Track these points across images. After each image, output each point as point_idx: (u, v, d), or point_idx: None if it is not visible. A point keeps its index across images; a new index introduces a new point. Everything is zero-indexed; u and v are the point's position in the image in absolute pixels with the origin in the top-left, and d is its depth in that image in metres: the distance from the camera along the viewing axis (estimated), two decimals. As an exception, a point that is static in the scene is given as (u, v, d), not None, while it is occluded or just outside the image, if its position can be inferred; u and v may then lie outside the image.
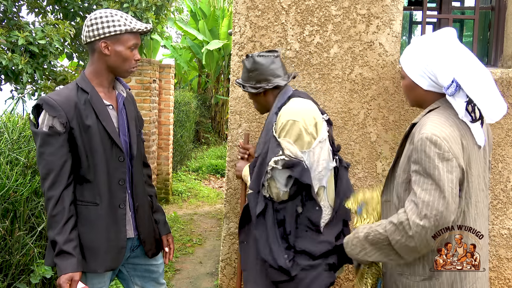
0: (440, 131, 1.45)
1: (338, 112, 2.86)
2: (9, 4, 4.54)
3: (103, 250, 1.77)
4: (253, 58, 2.06)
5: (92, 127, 1.71)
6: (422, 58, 1.56)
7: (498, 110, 1.50)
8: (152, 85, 5.87)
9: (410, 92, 1.65)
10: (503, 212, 2.94)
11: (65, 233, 1.65)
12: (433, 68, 1.53)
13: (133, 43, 1.76)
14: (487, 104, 1.48)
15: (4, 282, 2.23)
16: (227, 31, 10.51)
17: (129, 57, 1.76)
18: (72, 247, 1.66)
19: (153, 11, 5.78)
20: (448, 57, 1.50)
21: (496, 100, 1.49)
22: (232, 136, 2.91)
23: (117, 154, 1.78)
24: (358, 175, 2.92)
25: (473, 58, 1.52)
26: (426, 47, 1.56)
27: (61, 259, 1.65)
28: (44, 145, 1.66)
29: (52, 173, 1.66)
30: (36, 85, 4.68)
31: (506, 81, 2.87)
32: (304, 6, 2.80)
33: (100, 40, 1.72)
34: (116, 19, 1.72)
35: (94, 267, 1.75)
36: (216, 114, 11.98)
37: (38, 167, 1.70)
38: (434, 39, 1.57)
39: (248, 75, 2.08)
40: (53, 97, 1.69)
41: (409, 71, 1.60)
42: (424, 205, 1.40)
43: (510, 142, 2.89)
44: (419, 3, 3.49)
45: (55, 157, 1.66)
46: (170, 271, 3.83)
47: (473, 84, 1.46)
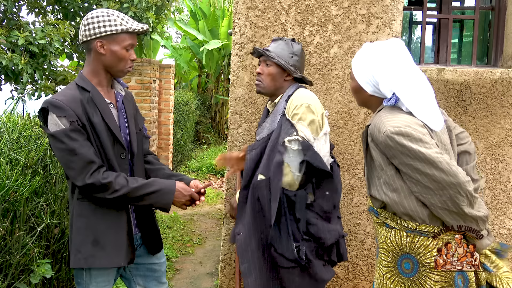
0: (397, 121, 1.52)
1: (338, 112, 2.86)
2: (9, 4, 4.54)
3: (120, 243, 1.78)
4: (301, 46, 2.18)
5: (98, 124, 1.73)
6: (369, 66, 1.65)
7: (435, 124, 1.58)
8: (152, 85, 5.87)
9: (357, 94, 1.75)
10: (503, 212, 2.94)
11: (135, 179, 1.74)
12: (377, 78, 1.62)
13: (129, 43, 1.76)
14: (426, 118, 1.57)
15: (4, 282, 2.23)
16: (227, 31, 10.51)
17: (125, 57, 1.76)
18: (148, 180, 1.77)
19: (153, 11, 5.78)
20: (391, 72, 1.59)
21: (434, 115, 1.58)
22: (232, 136, 2.91)
23: (119, 151, 1.80)
24: (358, 175, 2.92)
25: (415, 73, 1.61)
26: (374, 57, 1.64)
27: (162, 186, 1.76)
28: (72, 141, 1.65)
29: (93, 164, 1.67)
30: (36, 85, 4.68)
31: (506, 81, 2.87)
32: (304, 6, 2.80)
33: (96, 40, 1.72)
34: (112, 18, 1.72)
35: (101, 263, 1.76)
36: (216, 114, 11.98)
37: (71, 165, 1.67)
38: (383, 50, 1.64)
39: (290, 56, 2.14)
40: (58, 97, 1.69)
41: (357, 74, 1.70)
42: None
43: (510, 142, 2.89)
44: (419, 3, 3.49)
45: (87, 148, 1.68)
46: (170, 271, 3.83)
47: (411, 101, 1.56)
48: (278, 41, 2.17)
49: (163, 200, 1.75)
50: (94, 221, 1.76)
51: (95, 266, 1.76)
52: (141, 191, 1.71)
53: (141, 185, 1.72)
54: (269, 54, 2.11)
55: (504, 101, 2.89)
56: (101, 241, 1.76)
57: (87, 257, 1.74)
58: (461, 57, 3.91)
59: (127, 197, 1.71)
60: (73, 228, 1.78)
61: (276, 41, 2.18)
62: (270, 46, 2.17)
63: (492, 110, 2.89)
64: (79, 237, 1.76)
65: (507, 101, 2.89)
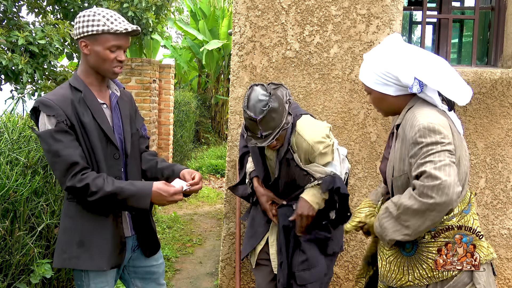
0: (433, 118, 1.48)
1: (338, 112, 2.86)
2: (9, 4, 4.54)
3: (105, 247, 1.76)
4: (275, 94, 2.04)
5: (88, 124, 1.71)
6: (380, 68, 1.59)
7: (464, 94, 1.54)
8: (152, 85, 5.87)
9: (381, 103, 1.67)
10: (503, 212, 2.94)
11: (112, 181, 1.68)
12: (394, 72, 1.56)
13: (113, 44, 1.70)
14: (453, 91, 1.52)
15: (4, 282, 2.23)
16: (227, 31, 10.50)
17: (109, 57, 1.71)
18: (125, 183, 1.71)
19: (153, 11, 5.78)
20: (403, 59, 1.55)
21: (460, 85, 1.54)
22: (232, 136, 2.91)
23: (112, 151, 1.78)
24: (358, 175, 2.92)
25: (426, 53, 1.58)
26: (380, 57, 1.60)
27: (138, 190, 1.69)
28: (56, 143, 1.64)
29: (75, 165, 1.65)
30: (36, 85, 4.68)
31: (506, 81, 2.87)
32: (304, 6, 2.80)
33: (80, 39, 1.72)
34: (96, 18, 1.69)
35: (84, 265, 1.75)
36: (216, 114, 11.97)
37: (55, 167, 1.67)
38: (385, 46, 1.61)
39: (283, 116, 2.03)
40: (49, 97, 1.69)
41: (372, 84, 1.63)
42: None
43: (510, 142, 2.89)
44: (419, 3, 3.49)
45: (71, 149, 1.66)
46: (170, 271, 3.82)
47: (433, 77, 1.51)
48: (265, 117, 1.94)
49: (140, 204, 1.70)
50: (80, 222, 1.74)
51: (77, 268, 1.75)
52: (117, 196, 1.67)
53: (115, 191, 1.66)
54: (274, 136, 2.00)
55: (504, 101, 2.89)
56: (86, 243, 1.74)
57: (71, 258, 1.74)
58: (461, 57, 3.91)
59: (107, 200, 1.68)
60: (60, 228, 1.78)
61: (263, 119, 1.95)
62: (262, 124, 1.96)
63: (492, 110, 2.89)
64: (65, 237, 1.76)
65: (507, 101, 2.89)
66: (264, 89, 1.98)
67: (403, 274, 1.61)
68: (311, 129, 2.12)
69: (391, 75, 1.57)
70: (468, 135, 2.89)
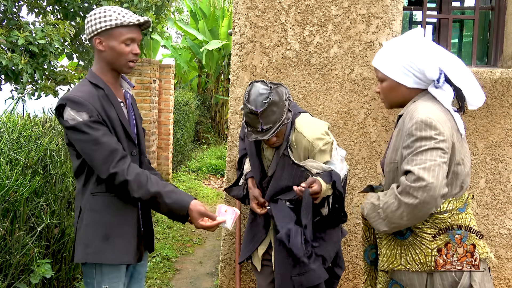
0: (433, 113, 1.50)
1: (338, 112, 2.86)
2: (9, 4, 4.54)
3: (129, 240, 1.77)
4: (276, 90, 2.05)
5: (115, 119, 1.73)
6: (405, 57, 1.59)
7: (479, 97, 1.60)
8: (152, 85, 5.87)
9: (392, 92, 1.67)
10: (503, 212, 2.94)
11: (156, 182, 1.70)
12: (420, 64, 1.57)
13: (127, 37, 1.72)
14: (471, 91, 1.57)
15: (4, 282, 2.23)
16: (227, 31, 10.50)
17: (124, 51, 1.73)
18: (170, 187, 1.73)
19: (153, 11, 5.78)
20: (431, 52, 1.57)
21: (477, 87, 1.59)
22: (232, 136, 2.91)
23: (131, 148, 1.81)
24: (358, 175, 2.92)
25: (447, 52, 1.63)
26: (405, 47, 1.60)
27: (176, 196, 1.70)
28: (94, 131, 1.64)
29: (116, 152, 1.66)
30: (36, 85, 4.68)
31: (506, 81, 2.87)
32: (304, 6, 2.80)
33: (95, 37, 1.72)
34: (108, 14, 1.71)
35: (109, 258, 1.74)
36: (216, 114, 11.97)
37: (95, 154, 1.65)
38: (410, 38, 1.62)
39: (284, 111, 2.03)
40: (76, 94, 1.68)
41: (390, 72, 1.63)
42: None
43: (510, 142, 2.89)
44: (419, 3, 3.49)
45: (110, 137, 1.67)
46: (170, 271, 3.83)
47: (457, 73, 1.56)
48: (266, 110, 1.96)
49: (175, 214, 1.72)
50: (106, 216, 1.75)
51: (103, 262, 1.74)
52: (154, 200, 1.69)
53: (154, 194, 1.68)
54: (275, 130, 2.00)
55: (504, 101, 2.89)
56: (111, 236, 1.74)
57: (95, 252, 1.72)
58: (461, 57, 3.91)
59: (142, 201, 1.70)
60: (83, 223, 1.75)
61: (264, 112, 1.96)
62: (263, 117, 1.97)
63: (492, 110, 2.89)
64: (89, 231, 1.74)
65: (507, 101, 2.89)
66: (265, 84, 2.00)
67: (395, 258, 1.61)
68: (310, 126, 2.12)
69: (416, 67, 1.58)
70: (468, 135, 2.89)
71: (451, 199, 1.56)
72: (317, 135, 2.09)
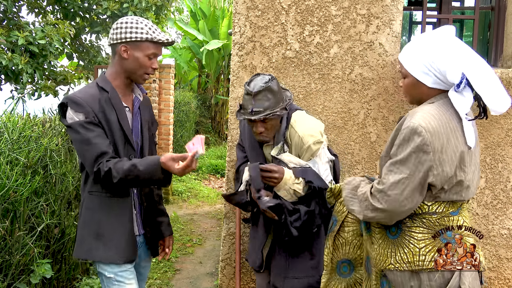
0: (428, 122, 1.49)
1: (338, 112, 2.86)
2: (9, 4, 4.54)
3: (120, 240, 1.82)
4: (274, 79, 2.11)
5: (113, 122, 1.80)
6: (427, 56, 1.55)
7: (503, 102, 1.53)
8: (152, 85, 5.87)
9: (413, 90, 1.64)
10: (503, 212, 2.94)
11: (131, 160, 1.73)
12: (441, 65, 1.52)
13: (152, 52, 1.82)
14: (494, 97, 1.51)
15: (4, 282, 2.23)
16: (227, 31, 10.50)
17: (146, 64, 1.83)
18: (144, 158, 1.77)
19: (153, 11, 5.79)
20: (455, 54, 1.51)
21: (501, 93, 1.52)
22: (232, 136, 2.91)
23: (129, 152, 1.86)
24: (358, 175, 2.92)
25: (475, 54, 1.55)
26: (430, 45, 1.56)
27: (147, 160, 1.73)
28: (87, 131, 1.73)
29: (105, 155, 1.72)
30: (36, 85, 4.68)
31: (506, 81, 2.87)
32: (304, 6, 2.80)
33: (121, 44, 1.80)
34: (140, 26, 1.80)
35: (99, 256, 1.81)
36: (216, 114, 11.97)
37: (85, 154, 1.73)
38: (437, 36, 1.57)
39: (278, 99, 2.08)
40: (78, 95, 1.77)
41: (412, 69, 1.60)
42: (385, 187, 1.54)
43: (510, 142, 2.89)
44: (419, 3, 3.49)
45: (102, 139, 1.74)
46: (170, 271, 3.83)
47: (480, 78, 1.50)
48: (261, 92, 2.03)
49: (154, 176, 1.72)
50: (100, 215, 1.81)
51: (95, 260, 1.82)
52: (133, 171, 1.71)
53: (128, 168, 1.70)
54: (268, 116, 2.03)
55: (504, 101, 2.89)
56: (103, 235, 1.81)
57: (88, 250, 1.81)
58: (461, 57, 3.91)
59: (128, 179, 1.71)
60: (80, 220, 1.85)
61: (258, 94, 2.03)
62: (256, 99, 2.03)
63: (492, 110, 2.89)
64: (85, 229, 1.83)
65: (507, 101, 2.89)
66: (268, 74, 2.10)
67: (387, 257, 1.62)
68: (304, 123, 2.13)
69: (437, 67, 1.54)
70: (468, 135, 2.89)
71: (442, 202, 1.56)
72: (309, 132, 2.09)
